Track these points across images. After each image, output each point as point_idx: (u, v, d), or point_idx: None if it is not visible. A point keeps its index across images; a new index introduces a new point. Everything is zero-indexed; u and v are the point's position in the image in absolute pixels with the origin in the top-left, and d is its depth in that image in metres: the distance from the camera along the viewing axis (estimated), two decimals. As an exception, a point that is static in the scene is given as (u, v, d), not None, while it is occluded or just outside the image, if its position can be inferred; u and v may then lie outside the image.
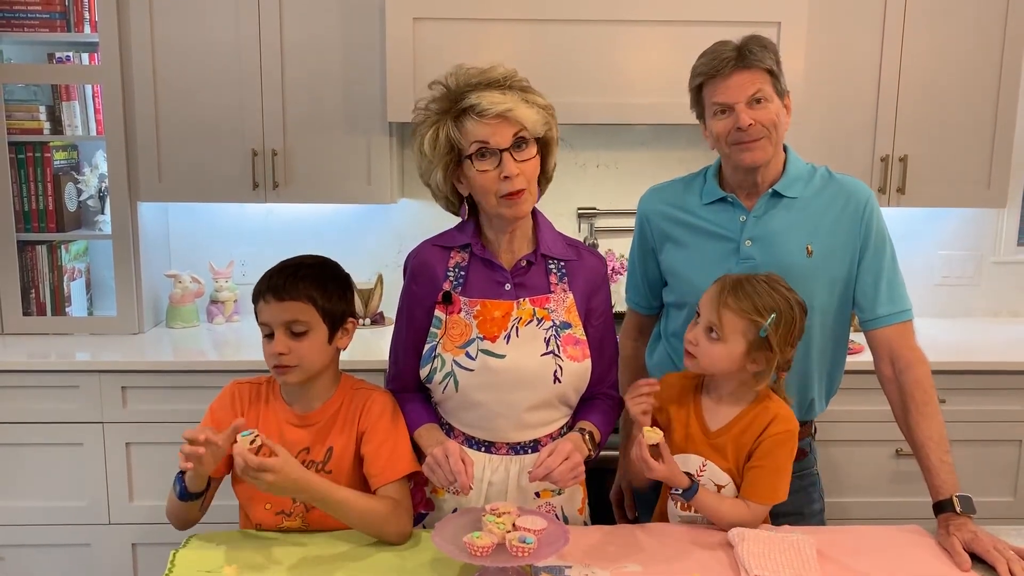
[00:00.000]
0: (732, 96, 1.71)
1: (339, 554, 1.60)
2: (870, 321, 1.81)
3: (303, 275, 1.66)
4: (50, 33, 2.85)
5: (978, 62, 2.89)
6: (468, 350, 1.68)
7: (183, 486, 1.61)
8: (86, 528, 2.71)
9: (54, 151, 2.90)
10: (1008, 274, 3.35)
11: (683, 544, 1.63)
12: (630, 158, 3.26)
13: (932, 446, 1.69)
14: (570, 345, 1.70)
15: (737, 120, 1.70)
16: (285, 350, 1.62)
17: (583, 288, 1.75)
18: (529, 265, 1.72)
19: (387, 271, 3.19)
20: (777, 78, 1.73)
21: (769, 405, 1.67)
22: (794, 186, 1.81)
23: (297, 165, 2.87)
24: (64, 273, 2.95)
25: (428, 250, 1.76)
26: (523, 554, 1.41)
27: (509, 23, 2.68)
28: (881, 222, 1.83)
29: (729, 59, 1.70)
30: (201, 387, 2.64)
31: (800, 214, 1.80)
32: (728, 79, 1.70)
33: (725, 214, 1.83)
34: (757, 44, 1.71)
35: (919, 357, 1.79)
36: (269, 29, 2.79)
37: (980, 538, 1.57)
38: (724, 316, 1.62)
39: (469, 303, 1.70)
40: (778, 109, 1.73)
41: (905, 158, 2.92)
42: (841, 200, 1.81)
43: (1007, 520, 2.78)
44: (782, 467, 1.66)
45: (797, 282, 1.73)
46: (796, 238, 1.79)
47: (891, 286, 1.80)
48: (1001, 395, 2.79)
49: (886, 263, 1.81)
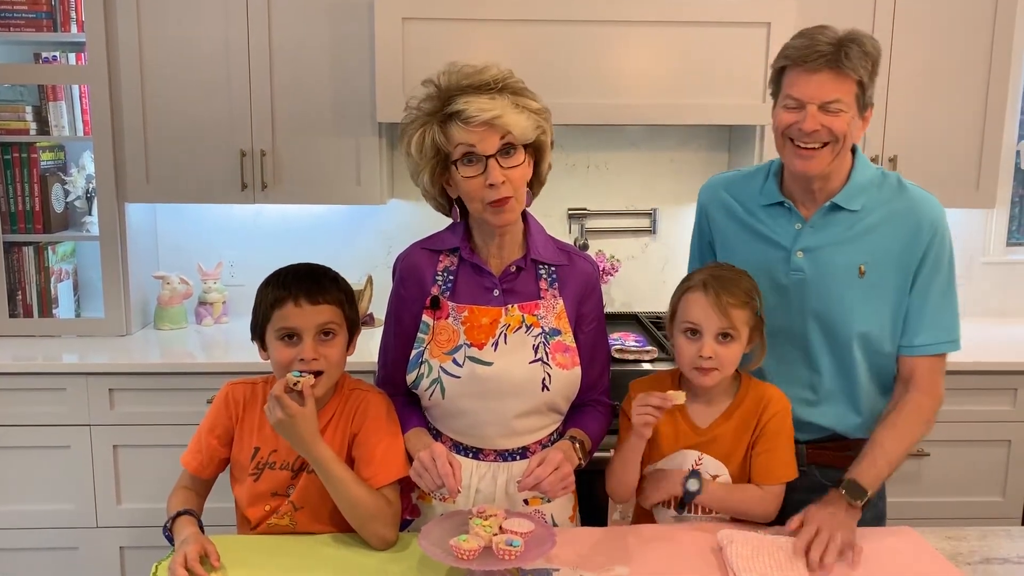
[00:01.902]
0: (809, 94, 1.60)
1: (324, 558, 1.58)
2: (903, 348, 1.75)
3: (329, 280, 1.66)
4: (36, 33, 2.84)
5: (967, 62, 2.90)
6: (455, 356, 1.66)
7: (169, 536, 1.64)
8: (74, 531, 2.69)
9: (41, 152, 2.88)
10: (997, 274, 3.36)
11: (671, 546, 1.62)
12: (621, 159, 3.25)
13: (879, 450, 1.67)
14: (559, 352, 1.68)
15: (804, 121, 1.61)
16: (317, 355, 1.60)
17: (574, 294, 1.72)
18: (519, 271, 1.70)
19: (377, 272, 3.17)
20: (864, 90, 1.62)
21: (757, 390, 1.70)
22: (857, 198, 1.70)
23: (286, 166, 2.86)
24: (51, 274, 2.93)
25: (417, 253, 1.74)
26: (510, 557, 1.40)
27: (499, 23, 2.67)
28: (945, 245, 1.71)
29: (823, 54, 1.58)
30: (189, 389, 2.64)
31: (860, 230, 1.70)
32: (812, 74, 1.59)
33: (782, 219, 1.75)
34: (858, 48, 1.59)
35: (934, 394, 1.73)
36: (257, 28, 2.78)
37: (815, 516, 1.58)
38: (734, 315, 1.62)
39: (457, 309, 1.68)
40: (851, 120, 1.62)
41: (895, 159, 2.93)
42: (907, 215, 1.70)
43: (996, 520, 2.80)
44: (786, 444, 1.68)
45: (849, 302, 1.69)
46: (850, 255, 1.70)
47: (938, 314, 1.72)
48: (991, 395, 2.79)
49: (935, 289, 1.71)
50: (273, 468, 1.67)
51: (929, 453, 2.80)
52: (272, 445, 1.66)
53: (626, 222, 3.23)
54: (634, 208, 3.24)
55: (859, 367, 1.75)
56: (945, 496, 2.84)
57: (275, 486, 1.67)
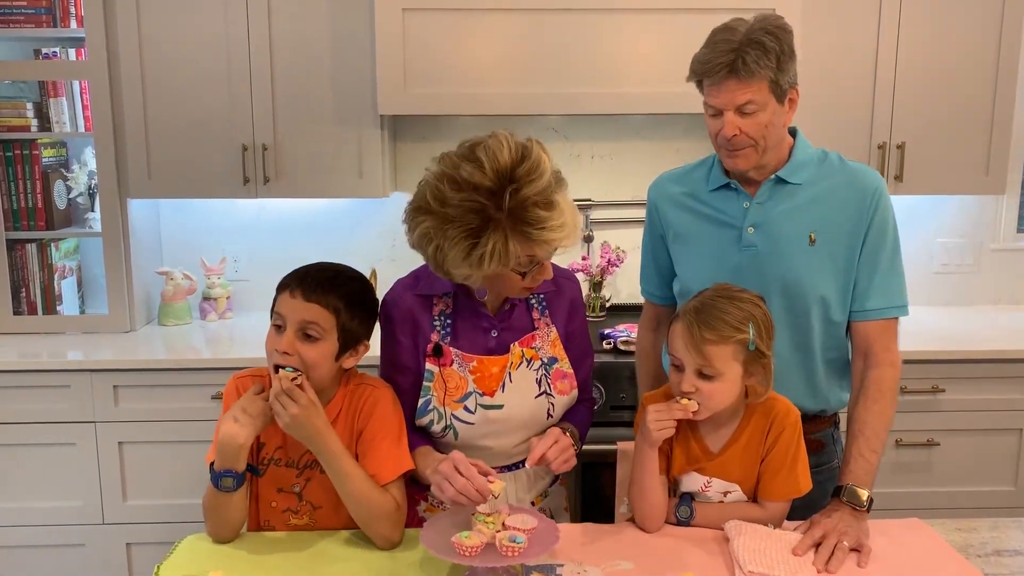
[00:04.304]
0: (722, 102, 1.65)
1: (327, 555, 1.57)
2: (856, 312, 1.78)
3: (339, 284, 1.61)
4: (36, 28, 2.83)
5: (976, 47, 2.86)
6: (467, 404, 1.67)
7: (220, 473, 1.55)
8: (80, 528, 2.70)
9: (42, 148, 2.87)
10: (1008, 261, 3.33)
11: (676, 541, 1.61)
12: (625, 148, 3.23)
13: (862, 439, 1.69)
14: (559, 380, 1.72)
15: (724, 127, 1.66)
16: (290, 350, 1.56)
17: (563, 317, 1.75)
18: (512, 307, 1.71)
19: (381, 266, 3.15)
20: (777, 81, 1.64)
21: (763, 408, 1.63)
22: (799, 172, 1.76)
23: (288, 160, 2.84)
24: (55, 271, 2.93)
25: (410, 300, 1.70)
26: (514, 554, 1.39)
27: (500, 13, 2.64)
28: (887, 213, 1.76)
29: (723, 64, 1.62)
30: (194, 385, 2.63)
31: (805, 201, 1.75)
32: (720, 85, 1.64)
33: (729, 200, 1.79)
34: (757, 50, 1.61)
35: (891, 359, 1.75)
36: (258, 21, 2.76)
37: (820, 523, 1.57)
38: (709, 352, 1.53)
39: (464, 358, 1.68)
40: (769, 118, 1.66)
41: (903, 145, 2.89)
42: (849, 187, 1.75)
43: (1008, 509, 2.78)
44: (792, 462, 1.62)
45: (800, 270, 1.70)
46: (799, 225, 1.74)
47: (887, 280, 1.76)
48: (1001, 383, 2.76)
49: (885, 255, 1.76)
50: (278, 465, 1.66)
51: (939, 443, 2.78)
52: (277, 442, 1.65)
53: (631, 212, 3.20)
54: (639, 199, 3.20)
55: (815, 340, 1.78)
56: (956, 486, 2.81)
57: (280, 483, 1.66)
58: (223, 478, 1.54)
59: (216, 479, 1.55)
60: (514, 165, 1.49)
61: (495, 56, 2.67)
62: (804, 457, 1.64)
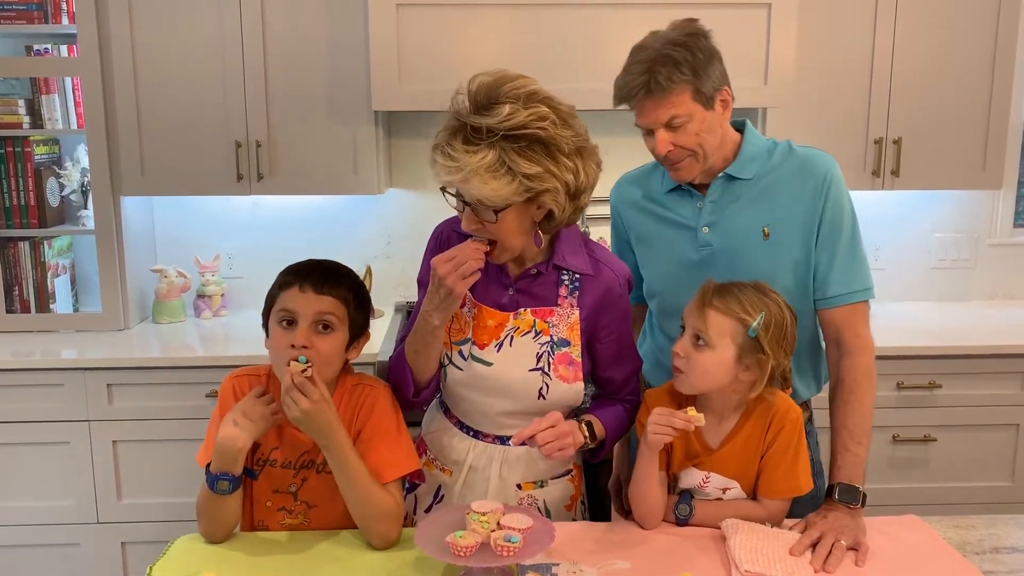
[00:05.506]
0: (648, 122, 1.65)
1: (322, 555, 1.56)
2: (819, 301, 1.76)
3: (344, 276, 1.64)
4: (27, 25, 2.81)
5: (972, 42, 2.85)
6: (461, 349, 1.67)
7: (216, 476, 1.54)
8: (75, 528, 2.68)
9: (35, 145, 2.85)
10: (1004, 256, 3.32)
11: (673, 540, 1.60)
12: (622, 144, 3.19)
13: (845, 433, 1.68)
14: (563, 364, 1.65)
15: (656, 145, 1.66)
16: (308, 343, 1.56)
17: (592, 305, 1.67)
18: (538, 274, 1.67)
19: (376, 263, 3.15)
20: (699, 89, 1.61)
21: (764, 404, 1.61)
22: (748, 167, 1.74)
23: (282, 156, 2.83)
24: (48, 269, 2.91)
25: (453, 235, 1.70)
26: (508, 553, 1.38)
27: (495, 8, 2.63)
28: (841, 196, 1.73)
29: (639, 87, 1.61)
30: (188, 383, 2.62)
31: (757, 195, 1.74)
32: (641, 105, 1.64)
33: (683, 202, 1.79)
34: (668, 66, 1.59)
35: (862, 345, 1.73)
36: (251, 17, 2.74)
37: (816, 524, 1.57)
38: (710, 317, 1.55)
39: (471, 303, 1.67)
40: (699, 126, 1.64)
41: (899, 140, 2.89)
42: (800, 175, 1.73)
43: (1005, 504, 2.78)
44: (792, 460, 1.61)
45: (756, 265, 1.69)
46: (752, 220, 1.74)
47: (846, 265, 1.73)
48: (998, 379, 2.76)
49: (843, 240, 1.73)
50: (274, 466, 1.64)
51: (936, 438, 2.78)
52: (274, 442, 1.64)
53: (627, 208, 3.19)
54: (635, 194, 3.20)
55: None
56: (953, 481, 2.81)
57: (276, 484, 1.65)
58: (219, 481, 1.53)
59: (212, 482, 1.54)
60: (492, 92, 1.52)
61: (490, 51, 2.65)
62: (805, 456, 1.63)
